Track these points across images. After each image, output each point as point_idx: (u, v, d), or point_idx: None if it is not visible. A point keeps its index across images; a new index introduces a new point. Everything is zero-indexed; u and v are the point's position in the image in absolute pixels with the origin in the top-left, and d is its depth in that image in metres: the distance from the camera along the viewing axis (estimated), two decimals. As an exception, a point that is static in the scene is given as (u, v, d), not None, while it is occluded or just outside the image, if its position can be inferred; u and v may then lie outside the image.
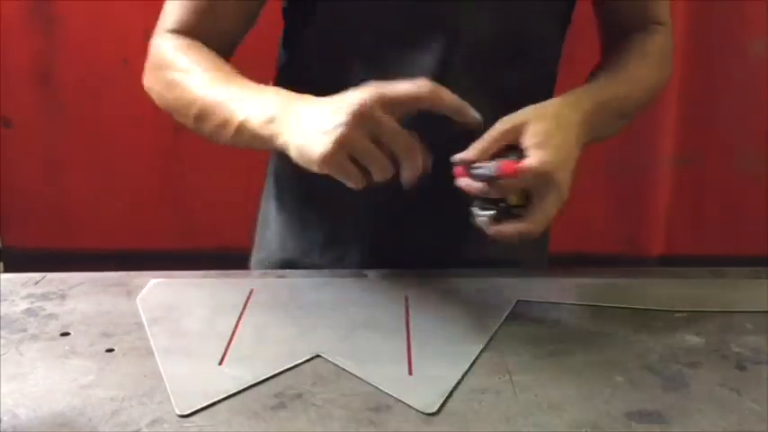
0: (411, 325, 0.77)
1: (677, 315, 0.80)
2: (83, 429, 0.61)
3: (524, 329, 0.77)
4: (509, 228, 0.74)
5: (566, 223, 1.86)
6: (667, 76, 0.96)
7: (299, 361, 0.71)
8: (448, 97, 0.71)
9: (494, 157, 0.74)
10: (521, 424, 0.62)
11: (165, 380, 0.67)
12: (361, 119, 0.68)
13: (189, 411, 0.63)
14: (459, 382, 0.67)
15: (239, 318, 0.77)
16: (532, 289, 0.84)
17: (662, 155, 1.84)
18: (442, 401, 0.65)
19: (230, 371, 0.69)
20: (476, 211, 0.75)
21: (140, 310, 0.78)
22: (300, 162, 0.71)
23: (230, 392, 0.66)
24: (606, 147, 1.83)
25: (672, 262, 1.89)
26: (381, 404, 0.64)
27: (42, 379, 0.67)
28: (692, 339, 0.75)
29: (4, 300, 0.81)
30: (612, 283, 0.87)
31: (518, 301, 0.82)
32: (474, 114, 0.72)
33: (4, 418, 0.62)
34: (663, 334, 0.76)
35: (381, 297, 0.83)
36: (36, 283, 0.84)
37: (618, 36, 0.95)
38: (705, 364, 0.71)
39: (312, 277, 0.89)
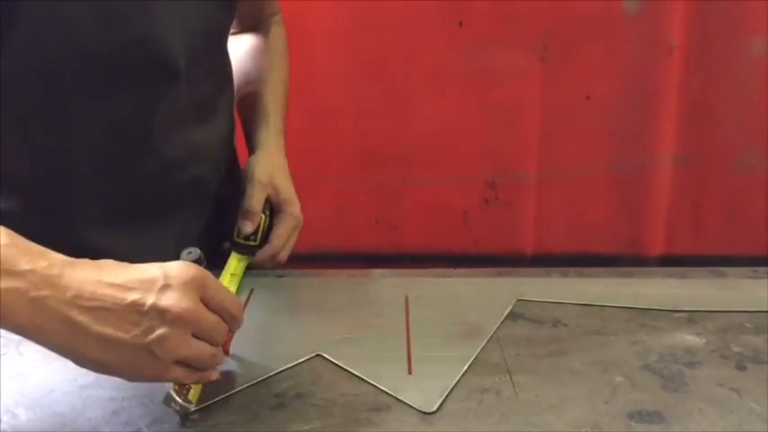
0: (411, 325, 0.77)
1: (677, 315, 0.80)
2: (83, 429, 0.61)
3: (524, 329, 0.77)
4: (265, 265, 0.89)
5: (566, 223, 1.88)
6: (288, 50, 1.09)
7: (299, 361, 0.71)
8: (240, 321, 0.65)
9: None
10: (521, 424, 0.62)
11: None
12: (187, 323, 0.58)
13: (189, 411, 0.63)
14: (458, 382, 0.67)
15: (239, 318, 0.77)
16: (532, 289, 0.84)
17: (662, 155, 1.84)
18: (441, 401, 0.65)
19: (230, 371, 0.69)
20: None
21: (140, 310, 0.78)
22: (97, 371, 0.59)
23: (230, 392, 0.66)
24: (606, 147, 1.84)
25: (672, 262, 1.89)
26: (381, 404, 0.64)
27: (42, 379, 0.67)
28: (692, 339, 0.75)
29: (4, 300, 0.80)
30: (612, 283, 0.87)
31: (518, 300, 0.82)
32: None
33: (4, 418, 0.62)
34: (663, 334, 0.76)
35: (381, 297, 0.83)
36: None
37: (243, 25, 1.06)
38: (705, 364, 0.71)
39: (312, 277, 0.89)
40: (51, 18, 0.74)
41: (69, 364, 0.69)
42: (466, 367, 0.70)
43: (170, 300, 0.57)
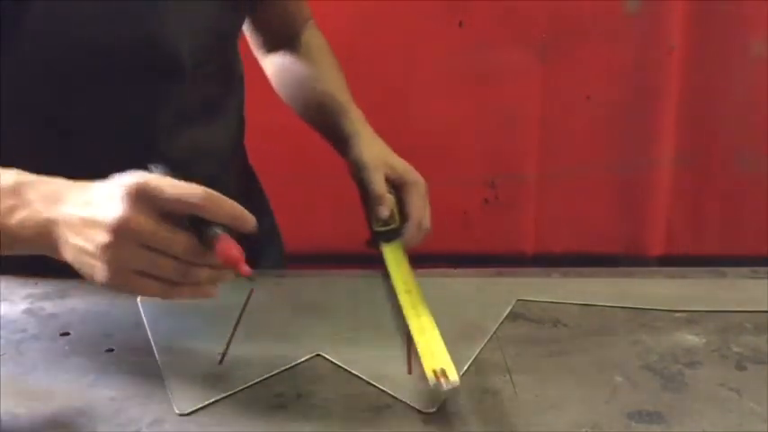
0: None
1: (677, 315, 0.80)
2: (83, 429, 0.61)
3: (524, 329, 0.77)
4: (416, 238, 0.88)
5: (566, 223, 1.88)
6: (328, 44, 1.08)
7: (299, 361, 0.71)
8: (226, 205, 0.62)
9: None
10: (521, 424, 0.62)
11: (164, 380, 0.67)
12: (126, 233, 0.60)
13: (189, 411, 0.63)
14: (458, 382, 0.67)
15: (239, 317, 0.77)
16: (532, 289, 0.84)
17: (662, 155, 1.84)
18: (441, 401, 0.65)
19: (230, 371, 0.69)
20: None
21: (140, 310, 0.78)
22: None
23: (230, 392, 0.66)
24: (606, 147, 1.84)
25: (672, 262, 1.89)
26: (381, 404, 0.64)
27: (42, 379, 0.67)
28: (692, 339, 0.75)
29: (4, 300, 0.80)
30: (612, 282, 0.87)
31: (518, 300, 0.82)
32: (252, 221, 0.63)
33: (4, 418, 0.62)
34: (663, 334, 0.76)
35: (381, 297, 0.83)
36: (36, 283, 0.84)
37: (280, 38, 1.04)
38: (705, 364, 0.71)
39: (312, 277, 0.89)
40: (56, 17, 0.74)
41: (69, 365, 0.69)
42: (466, 367, 0.70)
43: (108, 212, 0.60)
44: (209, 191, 0.62)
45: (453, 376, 0.64)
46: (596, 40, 1.74)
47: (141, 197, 0.60)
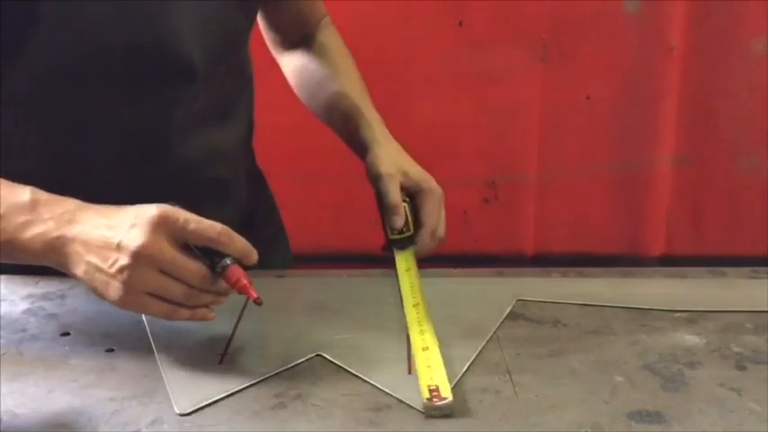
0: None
1: (677, 315, 0.80)
2: (83, 429, 0.61)
3: (524, 329, 0.77)
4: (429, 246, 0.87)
5: (566, 223, 1.88)
6: (344, 43, 1.07)
7: (299, 361, 0.71)
8: (238, 241, 0.68)
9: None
10: (521, 424, 0.62)
11: (164, 380, 0.67)
12: (146, 258, 0.65)
13: (189, 411, 0.63)
14: (458, 382, 0.67)
15: (239, 318, 0.77)
16: (532, 289, 0.84)
17: (662, 155, 1.84)
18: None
19: (230, 371, 0.69)
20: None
21: (140, 310, 0.78)
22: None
23: (230, 392, 0.66)
24: (606, 147, 1.84)
25: (672, 262, 1.89)
26: (381, 404, 0.64)
27: (42, 379, 0.67)
28: (692, 339, 0.75)
29: (4, 300, 0.80)
30: (612, 282, 0.87)
31: (518, 300, 0.82)
32: (255, 256, 0.69)
33: (4, 418, 0.62)
34: (663, 334, 0.76)
35: (381, 297, 0.83)
36: (36, 283, 0.84)
37: (295, 37, 1.04)
38: (705, 364, 0.71)
39: (312, 277, 0.89)
40: (69, 19, 0.75)
41: (69, 365, 0.69)
42: (466, 367, 0.70)
43: (132, 238, 0.65)
44: (225, 227, 0.68)
45: (446, 393, 0.64)
46: (596, 40, 1.73)
47: (163, 227, 0.66)
